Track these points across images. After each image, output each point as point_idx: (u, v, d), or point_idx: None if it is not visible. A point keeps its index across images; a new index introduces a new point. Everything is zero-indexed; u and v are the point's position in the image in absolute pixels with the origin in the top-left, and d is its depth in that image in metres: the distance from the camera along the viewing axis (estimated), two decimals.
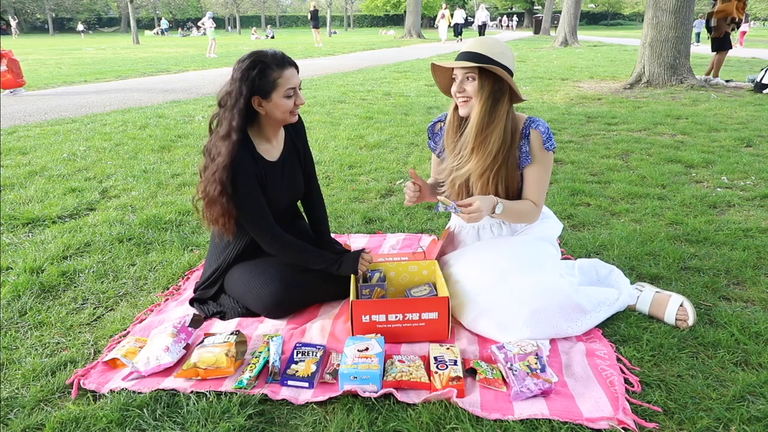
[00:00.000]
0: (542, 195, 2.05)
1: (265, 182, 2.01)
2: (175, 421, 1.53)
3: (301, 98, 1.96)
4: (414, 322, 1.87)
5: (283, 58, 1.90)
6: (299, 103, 1.96)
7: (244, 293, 2.09)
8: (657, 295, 2.06)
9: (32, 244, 2.82)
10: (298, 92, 1.95)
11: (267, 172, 2.02)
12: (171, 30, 55.70)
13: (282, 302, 2.05)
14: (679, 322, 1.97)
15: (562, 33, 20.23)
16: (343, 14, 67.76)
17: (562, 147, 4.78)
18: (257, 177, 1.97)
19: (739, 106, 6.78)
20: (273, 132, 2.05)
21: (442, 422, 1.51)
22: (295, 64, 1.96)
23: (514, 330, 1.87)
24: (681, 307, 1.99)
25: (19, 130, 5.87)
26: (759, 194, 3.43)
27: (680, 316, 1.98)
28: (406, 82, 9.72)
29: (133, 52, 21.02)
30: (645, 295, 2.08)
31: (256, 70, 1.85)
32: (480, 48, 1.94)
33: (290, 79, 1.90)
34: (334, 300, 2.21)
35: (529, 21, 54.42)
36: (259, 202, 1.96)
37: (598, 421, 1.49)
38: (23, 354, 1.87)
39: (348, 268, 2.07)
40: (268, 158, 2.04)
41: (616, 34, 37.54)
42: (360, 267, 2.08)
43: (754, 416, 1.52)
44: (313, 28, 24.55)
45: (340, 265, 2.07)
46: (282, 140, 2.12)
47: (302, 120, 2.19)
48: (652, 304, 2.04)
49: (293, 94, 1.92)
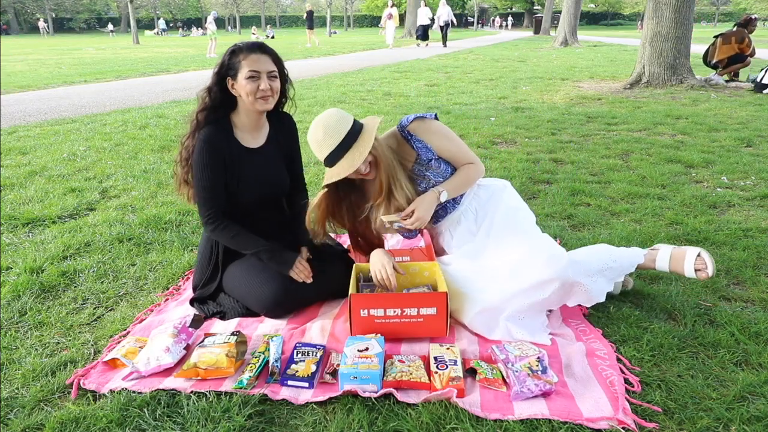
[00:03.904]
0: (467, 152, 2.09)
1: (235, 165, 2.06)
2: (175, 421, 1.53)
3: (265, 83, 1.96)
4: (412, 317, 1.88)
5: (255, 45, 1.99)
6: (263, 88, 1.96)
7: (243, 293, 2.10)
8: (674, 251, 2.06)
9: (32, 244, 2.82)
10: (264, 77, 1.96)
11: (242, 156, 2.08)
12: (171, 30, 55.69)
13: (282, 301, 2.06)
14: (699, 273, 1.97)
15: (562, 33, 20.23)
16: (343, 14, 67.78)
17: (563, 147, 4.78)
18: (225, 157, 2.04)
19: (739, 106, 6.78)
20: (250, 119, 2.09)
21: (442, 422, 1.51)
22: (270, 53, 2.01)
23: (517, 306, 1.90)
24: (698, 257, 1.98)
25: (19, 130, 5.87)
26: (759, 194, 3.43)
27: (698, 266, 1.98)
28: (406, 82, 9.72)
29: (133, 52, 21.02)
30: (662, 254, 2.07)
31: (228, 53, 2.00)
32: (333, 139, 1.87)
33: (255, 62, 1.96)
34: (334, 299, 2.21)
35: (529, 21, 54.43)
36: (210, 178, 2.02)
37: (598, 421, 1.49)
38: (23, 354, 1.87)
39: (278, 265, 2.05)
40: (245, 144, 2.11)
41: (616, 34, 37.55)
42: (294, 271, 2.05)
43: (754, 416, 1.52)
44: (308, 29, 24.95)
45: (272, 258, 2.06)
46: (265, 131, 2.18)
47: (293, 122, 2.26)
48: (671, 261, 2.04)
49: (257, 77, 1.95)
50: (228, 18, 68.44)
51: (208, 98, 2.03)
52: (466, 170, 2.09)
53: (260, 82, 1.96)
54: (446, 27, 21.40)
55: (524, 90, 8.52)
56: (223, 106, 2.05)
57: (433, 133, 2.04)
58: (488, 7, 73.98)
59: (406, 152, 2.07)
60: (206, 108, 2.03)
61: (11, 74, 12.16)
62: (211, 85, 2.02)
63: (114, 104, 7.73)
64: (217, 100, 2.03)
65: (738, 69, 8.91)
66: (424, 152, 2.04)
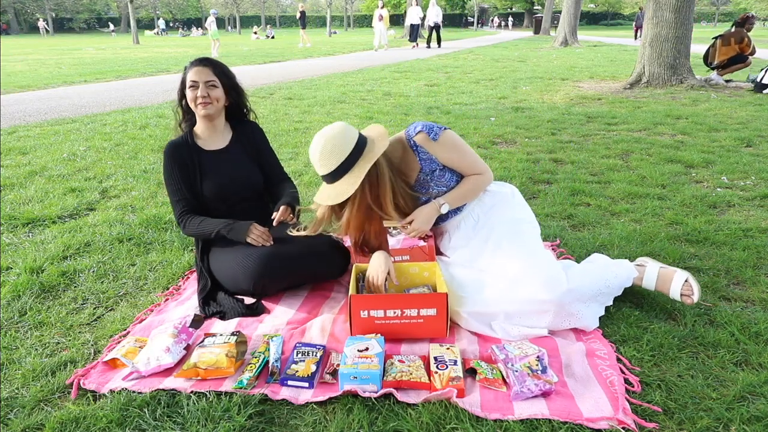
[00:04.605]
0: (474, 163, 2.07)
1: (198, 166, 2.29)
2: (175, 421, 1.53)
3: (202, 91, 2.19)
4: (412, 318, 1.88)
5: (199, 60, 2.24)
6: (199, 95, 2.20)
7: (231, 270, 2.16)
8: (662, 270, 2.07)
9: (32, 244, 2.82)
10: (201, 86, 2.20)
11: (204, 158, 2.32)
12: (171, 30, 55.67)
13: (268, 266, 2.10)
14: (684, 298, 1.98)
15: (562, 33, 20.23)
16: (343, 14, 67.77)
17: (563, 147, 4.78)
18: (189, 162, 2.28)
19: (739, 106, 6.78)
20: (204, 126, 2.33)
21: (442, 422, 1.51)
22: (210, 63, 2.24)
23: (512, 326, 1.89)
24: (686, 283, 1.99)
25: (19, 130, 5.87)
26: (759, 194, 3.43)
27: (685, 291, 1.99)
28: (406, 82, 9.72)
29: (133, 52, 21.02)
30: (650, 272, 2.08)
31: (183, 70, 2.26)
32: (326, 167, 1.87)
33: (196, 73, 2.21)
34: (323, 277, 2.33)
35: (529, 21, 54.43)
36: (175, 183, 2.27)
37: (598, 421, 1.49)
38: (23, 354, 1.87)
39: (236, 234, 2.19)
40: (206, 148, 2.34)
41: (616, 34, 37.55)
42: (250, 236, 2.17)
43: (754, 416, 1.52)
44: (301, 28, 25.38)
45: (231, 230, 2.20)
46: (227, 136, 2.40)
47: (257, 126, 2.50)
48: (658, 280, 2.05)
49: (195, 86, 2.20)
50: (228, 18, 68.44)
51: (180, 112, 2.34)
52: (472, 181, 2.07)
53: (197, 91, 2.19)
54: (436, 28, 20.75)
55: (524, 90, 8.52)
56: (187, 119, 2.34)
57: (440, 146, 2.00)
58: (488, 7, 73.95)
59: (410, 161, 2.06)
60: (179, 121, 2.36)
61: (11, 74, 12.16)
62: (178, 101, 2.32)
63: (114, 104, 7.73)
64: (182, 114, 2.34)
65: (739, 69, 8.89)
66: (428, 164, 2.03)
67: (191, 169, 2.28)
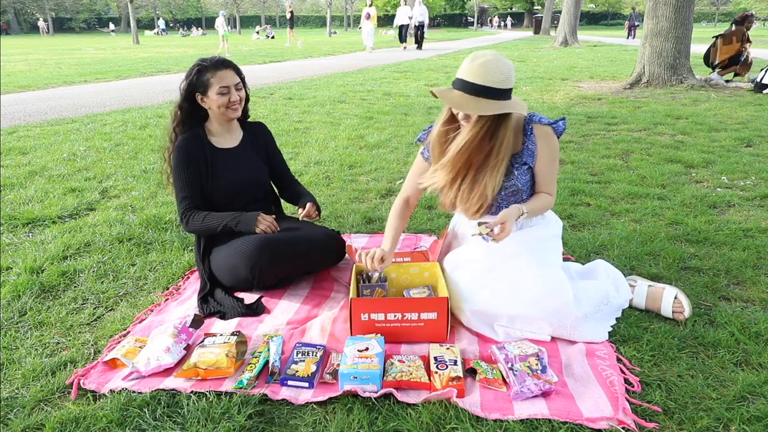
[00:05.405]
0: (554, 181, 2.05)
1: (211, 163, 2.31)
2: (175, 421, 1.53)
3: (234, 96, 2.23)
4: (413, 321, 1.87)
5: (219, 61, 2.21)
6: (233, 100, 2.23)
7: (230, 259, 2.17)
8: (650, 289, 2.08)
9: (32, 244, 2.82)
10: (233, 90, 2.22)
11: (217, 156, 2.33)
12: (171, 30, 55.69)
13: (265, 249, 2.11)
14: (676, 315, 1.99)
15: (562, 33, 20.23)
16: (343, 14, 67.76)
17: (563, 147, 4.78)
18: (200, 159, 2.28)
19: (739, 106, 6.78)
20: (221, 124, 2.35)
21: (442, 422, 1.51)
22: (233, 67, 2.25)
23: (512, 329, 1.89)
24: (676, 300, 2.00)
25: (19, 130, 5.87)
26: (759, 194, 3.43)
27: (676, 308, 1.99)
28: (406, 82, 9.72)
29: (133, 52, 21.02)
30: (639, 290, 2.09)
31: (195, 71, 2.22)
32: (482, 77, 1.77)
33: (223, 78, 2.20)
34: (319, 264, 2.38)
35: (529, 21, 54.42)
36: (185, 179, 2.26)
37: (598, 421, 1.49)
38: (23, 354, 1.87)
39: (245, 225, 2.21)
40: (219, 146, 2.36)
41: (616, 34, 37.56)
42: (259, 226, 2.20)
43: (754, 416, 1.52)
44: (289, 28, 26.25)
45: (239, 222, 2.22)
46: (239, 134, 2.44)
47: (265, 127, 2.54)
48: (647, 299, 2.06)
49: (227, 92, 2.21)
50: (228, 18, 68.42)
51: (180, 113, 2.29)
52: (545, 199, 2.02)
53: (230, 96, 2.22)
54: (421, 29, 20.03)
55: (524, 90, 8.52)
56: (194, 117, 2.31)
57: (552, 147, 1.98)
58: (488, 7, 73.95)
59: (516, 142, 1.99)
60: (179, 122, 2.31)
61: (11, 74, 12.16)
62: (181, 102, 2.27)
63: (114, 104, 7.73)
64: (187, 114, 2.29)
65: (743, 72, 8.90)
66: (528, 154, 1.98)
67: (203, 166, 2.29)
